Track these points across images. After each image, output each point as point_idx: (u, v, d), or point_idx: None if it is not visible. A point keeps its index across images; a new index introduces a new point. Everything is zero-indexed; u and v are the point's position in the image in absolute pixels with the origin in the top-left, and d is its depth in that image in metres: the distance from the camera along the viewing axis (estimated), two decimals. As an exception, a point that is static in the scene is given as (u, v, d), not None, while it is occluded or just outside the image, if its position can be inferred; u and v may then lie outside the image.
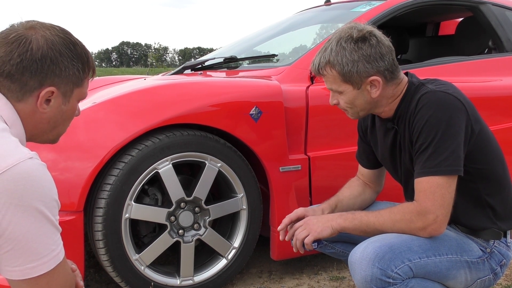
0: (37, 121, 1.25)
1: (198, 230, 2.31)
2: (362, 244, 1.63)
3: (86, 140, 2.09)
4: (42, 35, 1.21)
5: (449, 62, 2.98)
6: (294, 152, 2.42)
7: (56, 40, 1.22)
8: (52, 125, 1.29)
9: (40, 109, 1.24)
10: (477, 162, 1.68)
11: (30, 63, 1.18)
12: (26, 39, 1.19)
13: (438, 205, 1.59)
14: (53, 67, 1.21)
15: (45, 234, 1.10)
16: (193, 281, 2.31)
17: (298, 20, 3.73)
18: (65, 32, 1.26)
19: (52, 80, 1.22)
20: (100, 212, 2.07)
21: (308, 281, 2.55)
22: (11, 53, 1.18)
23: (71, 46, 1.25)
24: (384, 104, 1.76)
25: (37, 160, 1.12)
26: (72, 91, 1.28)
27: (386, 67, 1.69)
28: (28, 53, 1.18)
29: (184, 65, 3.25)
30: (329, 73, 1.73)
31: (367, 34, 1.69)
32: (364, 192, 2.04)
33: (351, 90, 1.72)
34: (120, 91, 2.38)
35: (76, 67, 1.26)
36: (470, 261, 1.68)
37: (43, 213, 1.09)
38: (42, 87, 1.21)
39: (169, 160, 2.16)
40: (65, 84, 1.25)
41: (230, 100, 2.28)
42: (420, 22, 4.16)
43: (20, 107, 1.21)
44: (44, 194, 1.10)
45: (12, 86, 1.19)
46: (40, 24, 1.24)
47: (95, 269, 2.68)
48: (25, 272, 1.10)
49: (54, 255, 1.13)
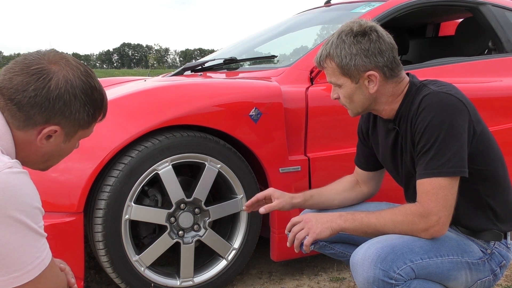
0: (31, 152, 1.24)
1: (198, 231, 2.31)
2: (364, 245, 1.63)
3: (86, 141, 2.08)
4: (64, 76, 1.19)
5: (449, 63, 2.98)
6: (294, 153, 2.42)
7: (76, 84, 1.21)
8: (45, 159, 1.28)
9: (39, 143, 1.22)
10: (478, 163, 1.67)
11: (43, 100, 1.17)
12: (47, 76, 1.17)
13: (440, 206, 1.58)
14: (64, 108, 1.20)
15: (27, 243, 1.09)
16: (193, 282, 2.31)
17: (298, 21, 3.73)
18: (87, 76, 1.24)
19: (59, 120, 1.21)
20: (100, 213, 2.07)
21: (308, 282, 2.55)
22: (28, 85, 1.16)
23: (89, 92, 1.23)
24: (383, 102, 1.76)
25: (17, 169, 1.10)
26: (76, 132, 1.27)
27: (385, 63, 1.70)
28: (45, 90, 1.16)
29: (184, 67, 3.25)
30: (329, 65, 1.75)
31: (367, 29, 1.70)
32: (352, 190, 2.04)
33: (349, 83, 1.73)
34: (120, 92, 2.38)
35: (87, 112, 1.25)
36: (471, 262, 1.68)
37: (23, 222, 1.08)
38: (47, 124, 1.20)
39: (169, 161, 2.16)
40: (71, 125, 1.24)
41: (230, 101, 2.29)
42: (420, 23, 4.17)
43: (17, 134, 1.20)
44: (23, 203, 1.08)
45: (18, 115, 1.18)
46: (65, 60, 1.22)
47: (95, 270, 2.68)
48: (9, 282, 1.09)
49: (39, 262, 1.12)
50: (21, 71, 1.17)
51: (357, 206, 2.02)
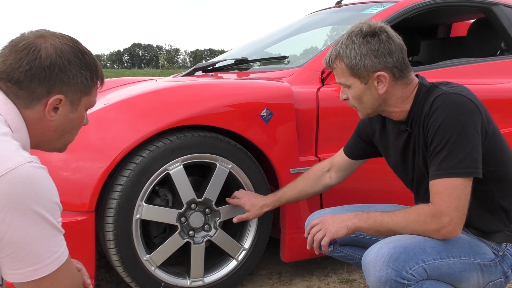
0: (44, 129, 1.26)
1: (208, 231, 2.31)
2: (376, 245, 1.62)
3: (97, 141, 2.11)
4: (52, 44, 1.22)
5: (461, 64, 2.97)
6: (304, 154, 2.42)
7: (65, 49, 1.24)
8: (59, 133, 1.30)
9: (48, 117, 1.25)
10: (490, 164, 1.66)
11: (38, 71, 1.20)
12: (36, 47, 1.20)
13: (453, 207, 1.58)
14: (61, 75, 1.22)
15: (46, 237, 1.11)
16: (203, 282, 2.31)
17: (309, 22, 3.73)
18: (74, 41, 1.28)
19: (60, 88, 1.23)
20: (111, 212, 2.08)
21: (318, 283, 2.54)
22: (20, 61, 1.19)
23: (79, 55, 1.26)
24: (393, 104, 1.76)
25: (37, 164, 1.12)
26: (80, 99, 1.29)
27: (395, 64, 1.70)
28: (37, 61, 1.19)
29: (195, 67, 3.26)
30: (338, 66, 1.76)
31: (377, 29, 1.71)
32: (316, 183, 2.19)
33: (358, 84, 1.74)
34: (132, 92, 2.39)
35: (84, 76, 1.27)
36: (483, 264, 1.67)
37: (43, 216, 1.10)
38: (50, 94, 1.23)
39: (180, 161, 2.17)
40: (73, 92, 1.26)
41: (241, 101, 2.29)
42: (432, 23, 4.14)
43: (27, 113, 1.22)
44: (43, 197, 1.10)
45: (20, 93, 1.21)
46: (49, 33, 1.26)
47: (106, 269, 2.69)
48: (27, 275, 1.10)
49: (56, 257, 1.13)
50: (11, 51, 1.21)
51: (368, 207, 2.03)
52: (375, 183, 2.53)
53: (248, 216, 2.24)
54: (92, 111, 2.16)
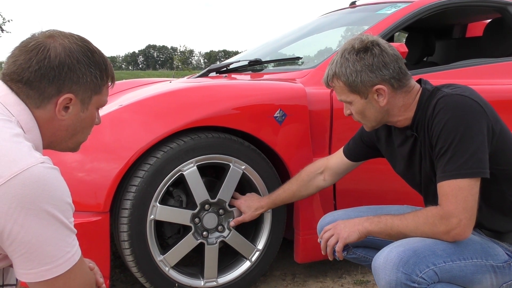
0: (56, 129, 1.27)
1: (222, 232, 2.32)
2: (386, 248, 1.62)
3: (112, 142, 2.12)
4: (60, 43, 1.23)
5: (476, 64, 2.93)
6: (318, 155, 2.41)
7: (74, 48, 1.24)
8: (71, 133, 1.31)
9: (59, 116, 1.25)
10: (500, 163, 1.65)
11: (48, 70, 1.21)
12: (45, 47, 1.21)
13: (461, 208, 1.57)
14: (71, 74, 1.23)
15: (58, 237, 1.12)
16: (217, 283, 2.32)
17: (323, 23, 3.71)
18: (83, 40, 1.29)
19: (69, 87, 1.24)
20: (126, 213, 2.10)
21: (332, 285, 2.54)
22: (30, 61, 1.20)
23: (88, 54, 1.27)
24: (396, 113, 1.77)
25: (49, 164, 1.13)
26: (90, 98, 1.30)
27: (392, 75, 1.71)
28: (46, 60, 1.20)
29: (209, 68, 3.27)
30: (337, 84, 1.78)
31: (369, 44, 1.72)
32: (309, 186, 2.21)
33: (359, 100, 1.76)
34: (146, 93, 2.40)
35: (94, 74, 1.28)
36: (496, 266, 1.65)
37: (55, 216, 1.10)
38: (60, 94, 1.23)
39: (194, 162, 2.18)
40: (83, 91, 1.27)
41: (255, 102, 2.29)
42: (447, 24, 4.11)
43: (38, 113, 1.23)
44: (55, 198, 1.11)
45: (31, 93, 1.22)
46: (59, 33, 1.27)
47: (120, 269, 2.71)
48: (40, 275, 1.11)
49: (69, 257, 1.14)
50: (21, 52, 1.22)
51: (381, 208, 2.02)
52: (388, 184, 2.51)
53: (244, 218, 2.28)
54: (107, 112, 2.18)
